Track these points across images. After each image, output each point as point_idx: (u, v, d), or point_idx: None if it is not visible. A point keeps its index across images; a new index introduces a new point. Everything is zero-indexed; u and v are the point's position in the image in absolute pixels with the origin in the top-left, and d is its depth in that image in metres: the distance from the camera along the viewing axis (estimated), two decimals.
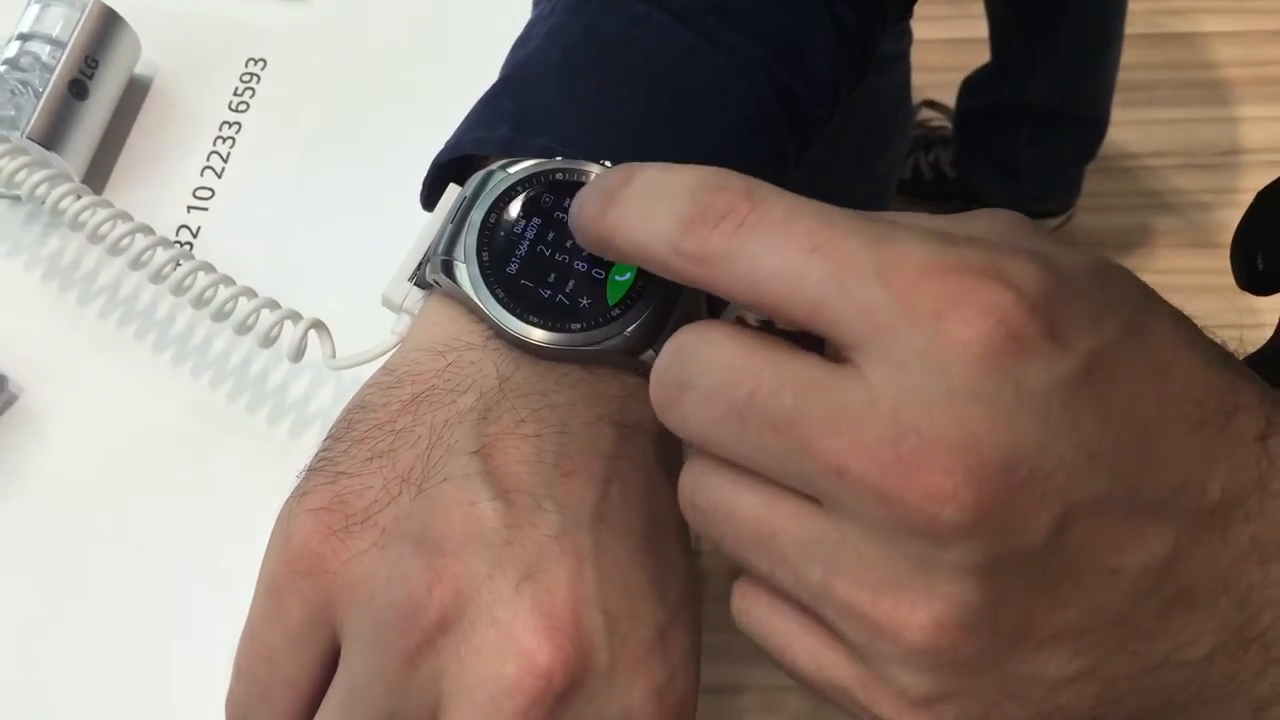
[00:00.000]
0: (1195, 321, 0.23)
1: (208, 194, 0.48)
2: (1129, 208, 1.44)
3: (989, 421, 0.20)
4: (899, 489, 0.20)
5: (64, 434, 0.42)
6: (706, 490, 0.24)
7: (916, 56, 1.18)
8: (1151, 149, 1.47)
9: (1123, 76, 1.29)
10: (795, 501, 0.22)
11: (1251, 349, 0.39)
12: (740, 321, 0.24)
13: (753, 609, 0.24)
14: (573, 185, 0.29)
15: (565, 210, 0.29)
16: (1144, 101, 1.47)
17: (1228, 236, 0.44)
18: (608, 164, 0.30)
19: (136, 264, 0.40)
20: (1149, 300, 0.23)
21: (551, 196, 0.29)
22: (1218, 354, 0.23)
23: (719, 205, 0.23)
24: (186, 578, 0.39)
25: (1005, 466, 0.20)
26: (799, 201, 0.23)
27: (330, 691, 0.26)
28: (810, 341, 0.23)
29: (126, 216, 0.41)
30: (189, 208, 0.47)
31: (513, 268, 0.28)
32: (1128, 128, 1.43)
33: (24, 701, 0.38)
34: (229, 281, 0.40)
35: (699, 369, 0.23)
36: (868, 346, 0.21)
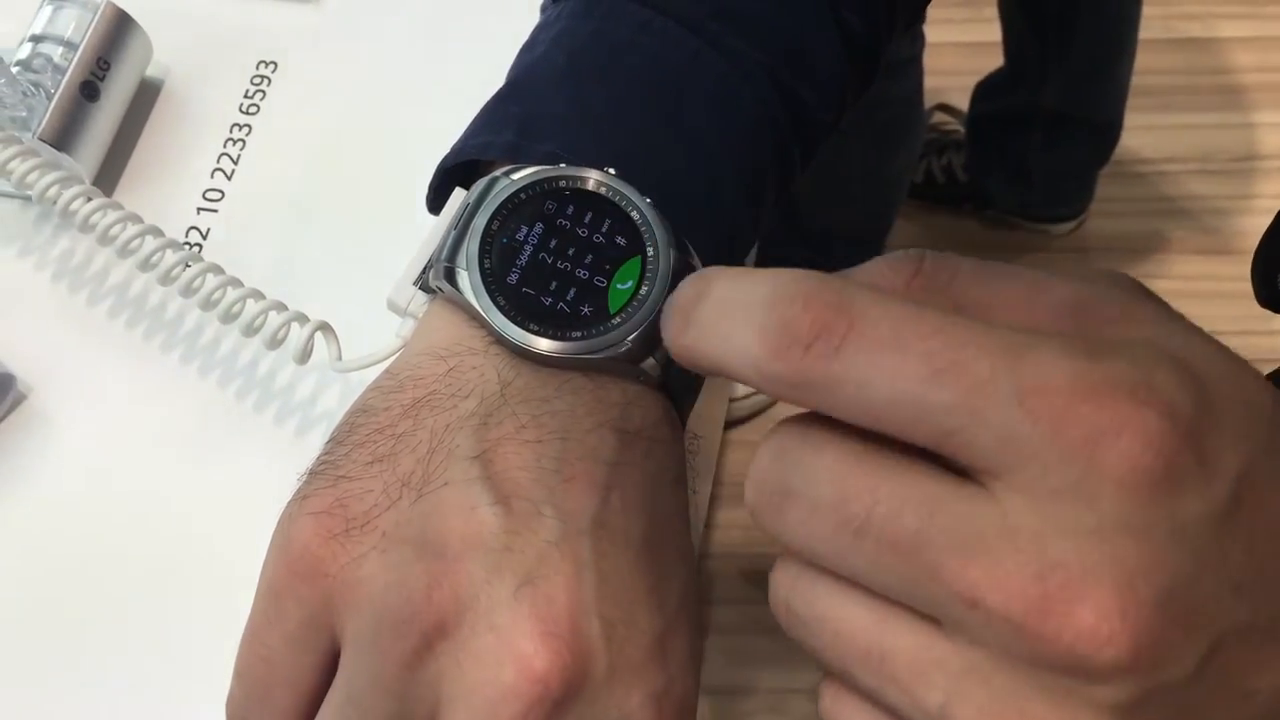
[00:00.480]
0: None
1: (218, 195, 0.48)
2: (1142, 213, 1.44)
3: (1143, 557, 0.19)
4: (1047, 627, 0.19)
5: (72, 433, 0.42)
6: (806, 597, 0.22)
7: (930, 60, 1.18)
8: (1166, 154, 1.47)
9: (1138, 81, 1.28)
10: (910, 620, 0.21)
11: (1262, 354, 0.38)
12: None
13: (845, 715, 0.23)
14: (575, 192, 0.30)
15: (567, 217, 0.29)
16: (1159, 106, 1.47)
17: (1242, 243, 0.44)
18: (611, 170, 0.30)
19: (146, 265, 0.40)
20: (1274, 398, 0.22)
21: (554, 204, 0.29)
22: None
23: (806, 323, 0.20)
24: (193, 577, 0.40)
25: (1160, 604, 0.19)
26: (905, 313, 0.20)
27: (329, 694, 0.26)
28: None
29: (136, 219, 0.41)
30: (199, 209, 0.47)
31: (514, 275, 0.29)
32: (1142, 133, 1.42)
33: (30, 700, 0.38)
34: (237, 283, 0.40)
35: (804, 476, 0.21)
36: (1008, 476, 0.20)
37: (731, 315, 0.22)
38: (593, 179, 0.30)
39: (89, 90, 0.46)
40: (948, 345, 0.20)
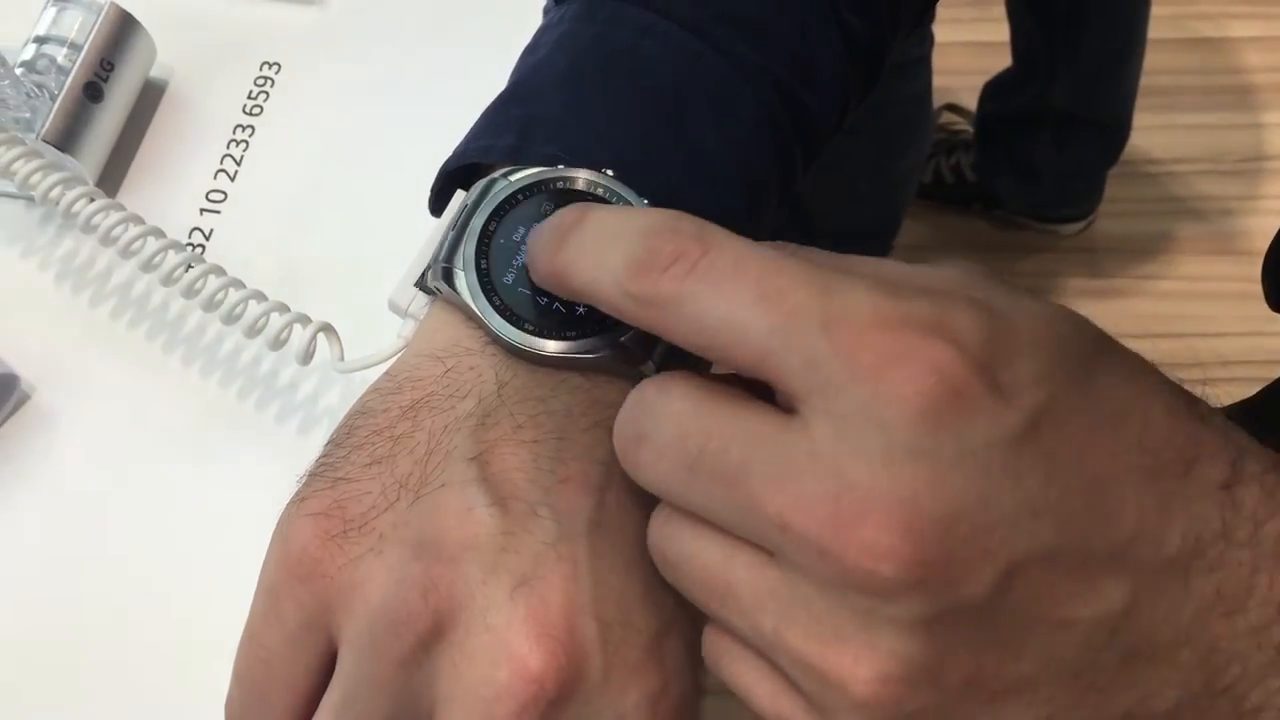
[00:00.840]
0: (1160, 366, 0.23)
1: (221, 197, 0.48)
2: (1152, 213, 1.44)
3: (928, 478, 0.20)
4: (837, 544, 0.20)
5: (75, 433, 0.42)
6: (670, 540, 0.24)
7: (938, 60, 1.18)
8: (1175, 154, 1.46)
9: (1147, 81, 1.28)
10: (750, 553, 0.22)
11: (1270, 354, 0.38)
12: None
13: (720, 654, 0.25)
14: (574, 194, 0.30)
15: None
16: (1169, 106, 1.46)
17: (1252, 243, 0.44)
18: (609, 172, 0.30)
19: (148, 267, 0.40)
20: (1104, 349, 0.23)
21: (552, 205, 0.29)
22: (1181, 401, 0.23)
23: (670, 249, 0.23)
24: (195, 575, 0.40)
25: (944, 523, 0.20)
26: (751, 247, 0.22)
27: (327, 694, 0.26)
28: (769, 389, 0.23)
29: (139, 220, 0.41)
30: (202, 210, 0.48)
31: (510, 276, 0.29)
32: (1152, 132, 1.42)
33: (32, 699, 0.38)
34: (239, 285, 0.40)
35: (655, 421, 0.23)
36: (812, 400, 0.21)
37: (606, 240, 0.24)
38: (590, 179, 0.30)
39: (93, 91, 0.46)
40: (775, 275, 0.22)
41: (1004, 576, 0.20)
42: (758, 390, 0.23)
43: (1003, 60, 1.31)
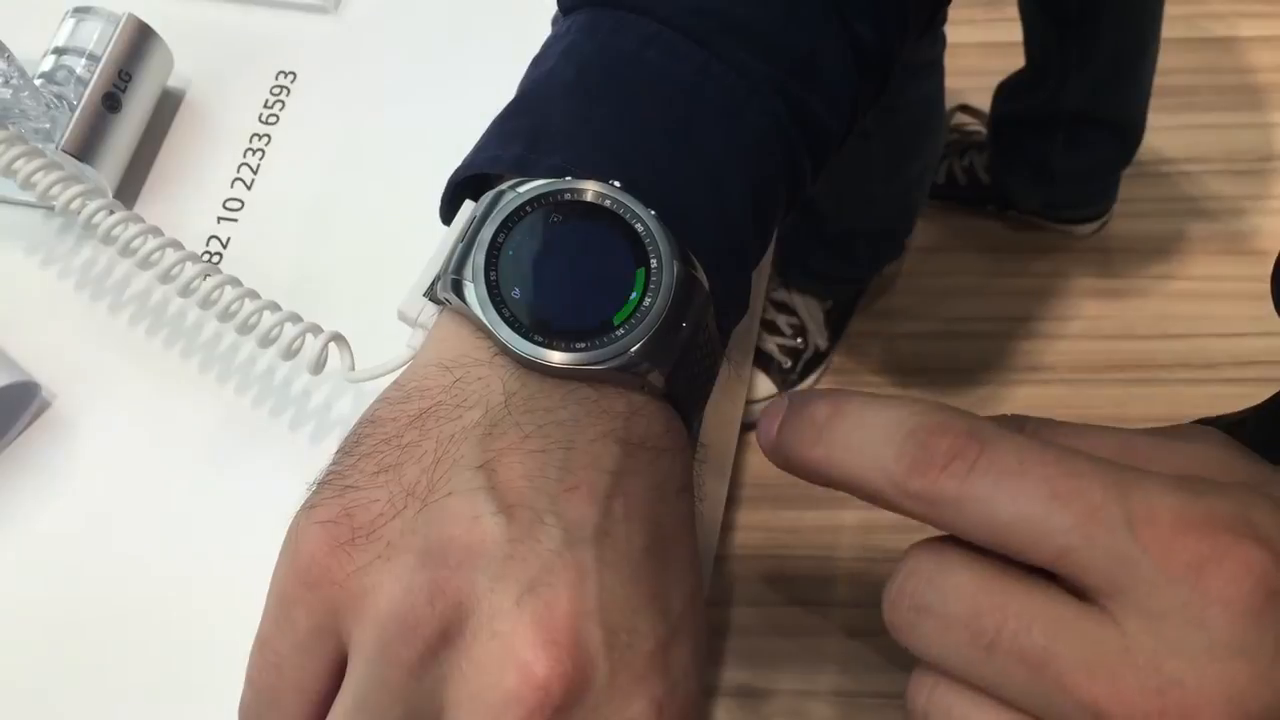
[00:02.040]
0: None
1: (237, 205, 0.49)
2: (1166, 213, 1.43)
3: (1252, 675, 0.21)
4: None
5: (94, 440, 0.43)
6: (940, 708, 0.24)
7: (951, 60, 1.18)
8: (1189, 154, 1.46)
9: (1161, 81, 1.28)
10: None
11: None
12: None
13: None
14: (581, 205, 0.30)
15: (572, 229, 0.30)
16: (1182, 106, 1.46)
17: (1266, 243, 0.44)
18: (616, 183, 0.30)
19: (166, 278, 0.41)
20: None
21: (560, 216, 0.30)
22: None
23: (944, 447, 0.23)
24: (210, 580, 0.40)
25: (1267, 718, 0.21)
26: (1029, 445, 0.23)
27: (337, 699, 0.26)
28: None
29: (157, 231, 0.42)
30: (219, 219, 0.48)
31: (520, 287, 0.29)
32: (1165, 133, 1.41)
33: (50, 703, 0.39)
34: (254, 295, 0.40)
35: (938, 594, 0.23)
36: (1121, 597, 0.22)
37: (870, 435, 0.24)
38: (597, 191, 0.30)
39: (111, 102, 0.47)
40: (1066, 474, 0.22)
41: None
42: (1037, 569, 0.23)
43: (1016, 61, 1.30)
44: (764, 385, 1.35)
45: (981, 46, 1.42)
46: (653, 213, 0.30)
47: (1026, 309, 1.39)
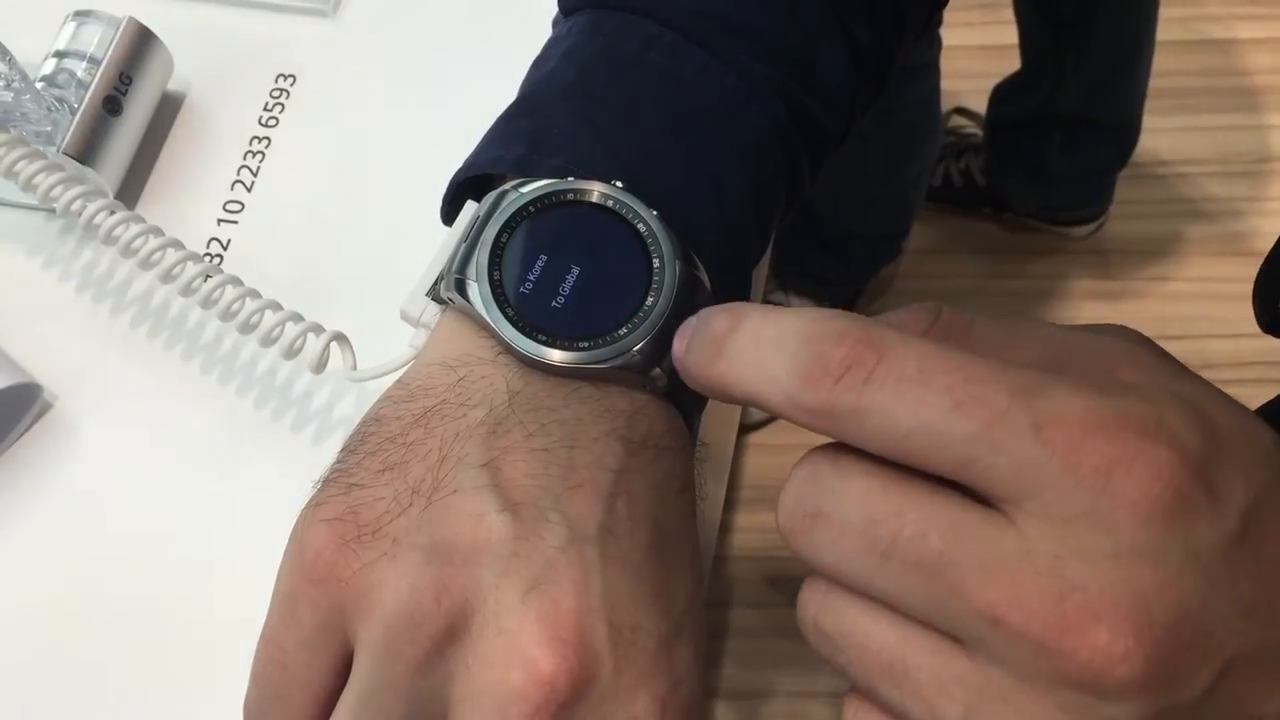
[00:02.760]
0: None
1: (238, 207, 0.49)
2: (1162, 215, 1.44)
3: (1158, 581, 0.20)
4: (1065, 644, 0.20)
5: (96, 440, 0.43)
6: (832, 615, 0.24)
7: (947, 63, 1.18)
8: (1185, 156, 1.46)
9: (1157, 83, 1.28)
10: (932, 638, 0.22)
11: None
12: None
13: None
14: (584, 204, 0.30)
15: (575, 229, 0.30)
16: (1178, 108, 1.46)
17: (1261, 244, 0.44)
18: (618, 183, 0.30)
19: (167, 278, 0.41)
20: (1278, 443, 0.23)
21: (562, 215, 0.30)
22: None
23: (839, 356, 0.22)
24: (213, 580, 0.40)
25: (1173, 626, 0.20)
26: (930, 350, 0.22)
27: (343, 696, 0.27)
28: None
29: (158, 232, 0.42)
30: (219, 221, 0.48)
31: (523, 287, 0.29)
32: (1162, 134, 1.42)
33: (54, 705, 0.39)
34: (255, 295, 0.41)
35: (834, 500, 0.23)
36: (1026, 502, 0.21)
37: (766, 347, 0.23)
38: (599, 191, 0.30)
39: (112, 105, 0.47)
40: (969, 380, 0.21)
41: (1217, 677, 0.21)
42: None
43: (1012, 63, 1.31)
44: None
45: (977, 49, 1.43)
46: (655, 213, 0.30)
47: (1023, 311, 1.40)
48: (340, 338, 0.39)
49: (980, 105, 1.40)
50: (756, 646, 1.21)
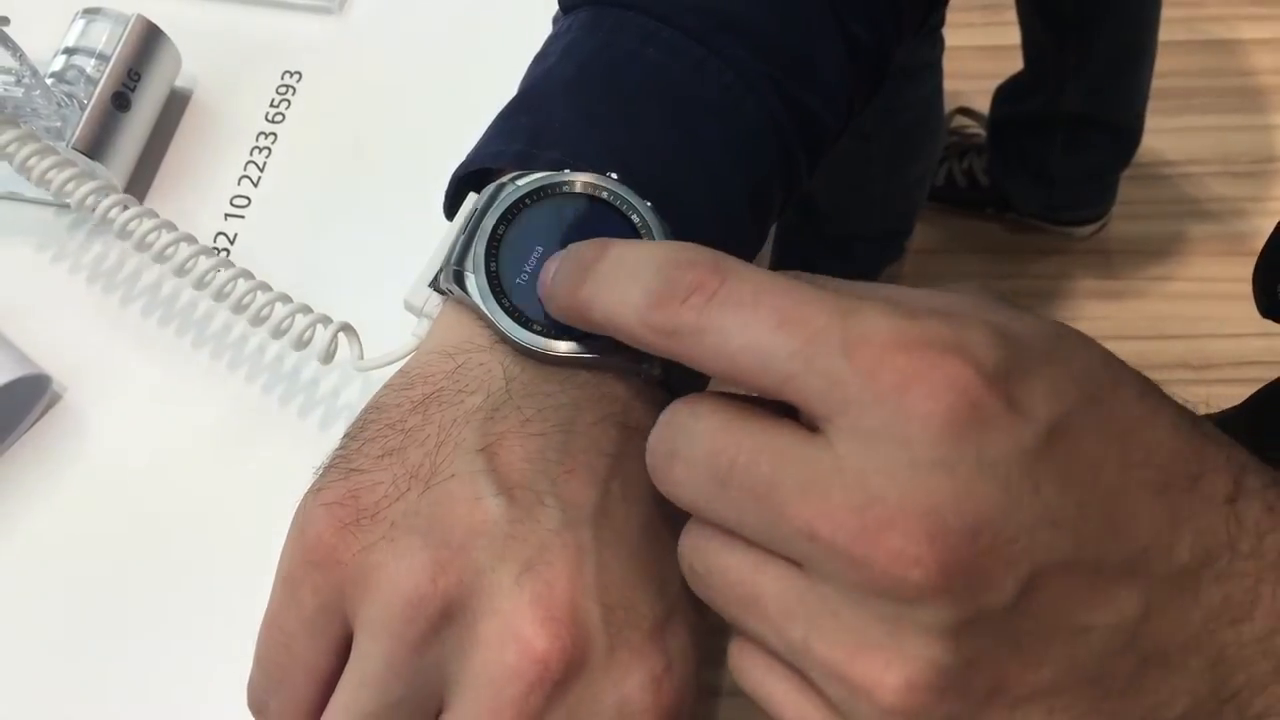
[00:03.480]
0: (1162, 386, 0.24)
1: (244, 202, 0.49)
2: (1165, 215, 1.43)
3: (951, 489, 0.21)
4: (866, 552, 0.21)
5: (105, 430, 0.44)
6: (700, 553, 0.25)
7: (950, 63, 1.18)
8: (1188, 156, 1.46)
9: (1160, 83, 1.28)
10: (779, 565, 0.23)
11: None
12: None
13: (746, 666, 0.25)
14: (581, 197, 0.31)
15: (570, 220, 0.30)
16: (1181, 109, 1.46)
17: (1263, 244, 0.45)
18: (613, 175, 0.31)
19: (180, 271, 0.42)
20: (1111, 368, 0.23)
21: (558, 207, 0.31)
22: (1185, 419, 0.23)
23: (687, 280, 0.24)
24: (220, 567, 0.41)
25: (968, 532, 0.21)
26: (767, 277, 0.23)
27: (343, 677, 0.27)
28: (789, 409, 0.23)
29: (171, 226, 0.43)
30: (226, 215, 0.49)
31: (519, 278, 0.30)
32: (1165, 135, 1.42)
33: (66, 688, 0.39)
34: (266, 288, 0.41)
35: (687, 438, 0.24)
36: (836, 418, 0.22)
37: (625, 273, 0.25)
38: (594, 183, 0.31)
39: (120, 101, 0.47)
40: (794, 303, 0.23)
41: (1025, 584, 0.21)
42: (784, 411, 0.23)
43: (1014, 64, 1.31)
44: None
45: (980, 50, 1.43)
46: (649, 204, 0.31)
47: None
48: (347, 328, 0.39)
49: (983, 105, 1.40)
50: None
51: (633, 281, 0.25)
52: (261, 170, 0.50)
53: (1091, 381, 0.23)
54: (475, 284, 0.30)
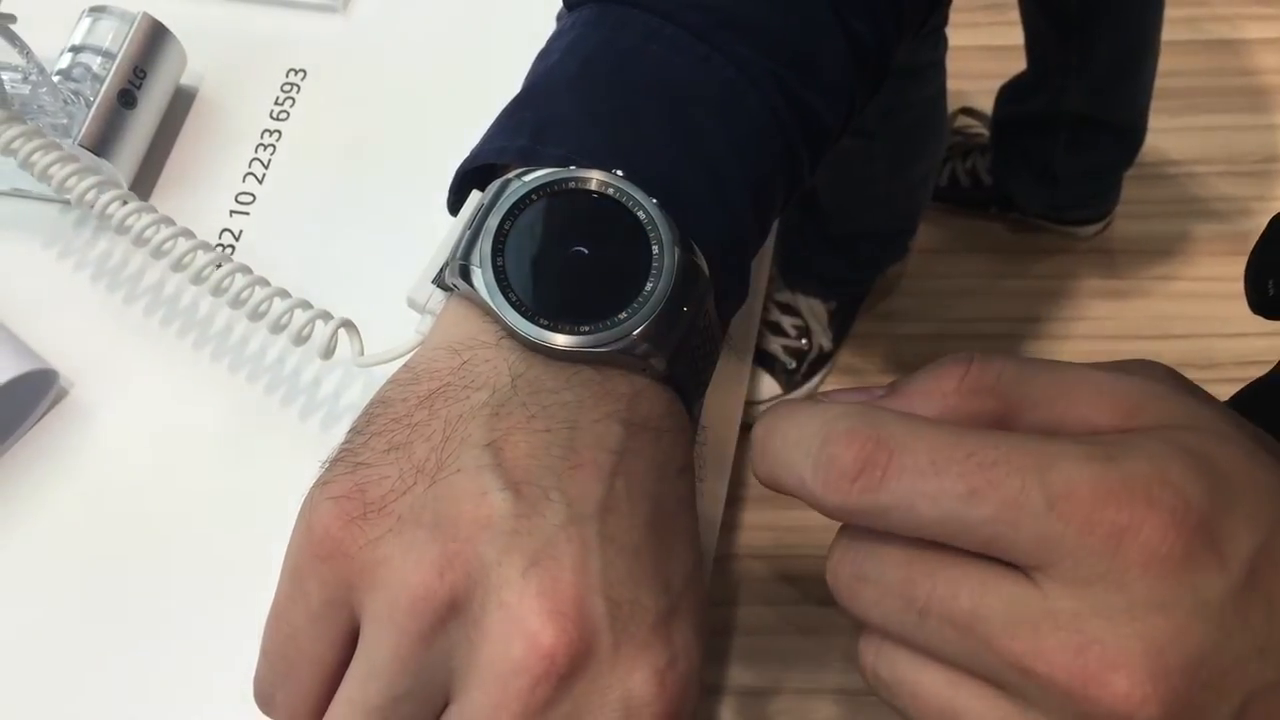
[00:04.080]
0: None
1: (249, 199, 0.50)
2: (1168, 215, 1.43)
3: (1170, 630, 0.22)
4: (1090, 693, 0.22)
5: (110, 424, 0.44)
6: (887, 665, 0.25)
7: (954, 63, 1.18)
8: (1192, 156, 1.46)
9: (1164, 83, 1.28)
10: (978, 684, 0.24)
11: None
12: None
13: None
14: (584, 193, 0.31)
15: (575, 217, 0.31)
16: (1185, 108, 1.46)
17: None
18: (618, 172, 0.31)
19: (178, 266, 0.42)
20: None
21: (563, 203, 0.31)
22: None
23: (850, 457, 0.24)
24: (224, 562, 0.41)
25: (1188, 670, 0.22)
26: (939, 440, 0.23)
27: (350, 669, 0.27)
28: None
29: (170, 221, 0.43)
30: (231, 212, 0.49)
31: (525, 273, 0.30)
32: (1168, 134, 1.42)
33: (71, 684, 0.40)
34: (264, 283, 0.41)
35: (876, 564, 0.25)
36: (1047, 569, 0.23)
37: (791, 451, 0.25)
38: (599, 180, 0.31)
39: (126, 98, 0.48)
40: (980, 466, 0.23)
41: (1238, 713, 0.22)
42: None
43: (1018, 64, 1.31)
44: (768, 386, 1.36)
45: (984, 49, 1.43)
46: (654, 200, 0.31)
47: (1030, 310, 1.40)
48: (348, 324, 0.39)
49: (986, 105, 1.40)
50: (762, 644, 1.21)
51: (800, 461, 0.25)
52: (266, 167, 0.50)
53: (1278, 502, 0.23)
54: (481, 279, 0.30)
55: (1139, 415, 0.25)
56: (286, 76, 0.53)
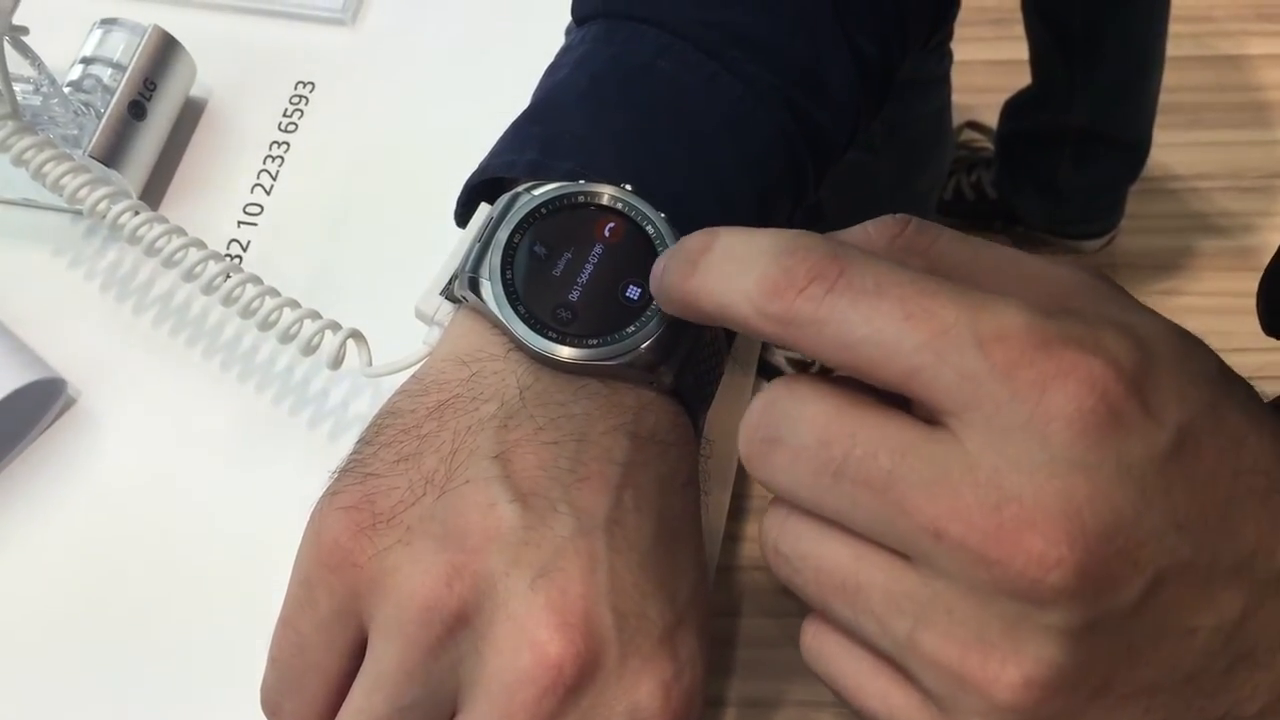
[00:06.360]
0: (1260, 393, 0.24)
1: (257, 210, 0.50)
2: (1173, 230, 1.43)
3: (1090, 491, 0.21)
4: (1001, 553, 0.21)
5: (119, 434, 0.44)
6: (790, 538, 0.24)
7: (959, 78, 1.18)
8: (1196, 171, 1.46)
9: (1169, 98, 1.28)
10: (883, 555, 0.23)
11: None
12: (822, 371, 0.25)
13: (825, 649, 0.25)
14: (594, 207, 0.31)
15: (584, 231, 0.31)
16: (1190, 123, 1.46)
17: None
18: (627, 186, 0.31)
19: (189, 276, 0.42)
20: (1225, 375, 0.23)
21: (573, 217, 0.31)
22: None
23: (803, 269, 0.23)
24: (231, 572, 0.41)
25: (1106, 535, 0.21)
26: (886, 266, 0.23)
27: (358, 679, 0.28)
28: (892, 396, 0.23)
29: (181, 231, 0.43)
30: (239, 223, 0.49)
31: (534, 286, 0.30)
32: (1173, 149, 1.42)
33: (78, 693, 0.40)
34: (274, 293, 0.42)
35: (790, 425, 0.23)
36: (966, 414, 0.22)
37: (736, 262, 0.24)
38: (609, 194, 0.31)
39: (136, 110, 0.48)
40: (920, 294, 0.22)
41: (1149, 588, 0.21)
42: (893, 401, 0.23)
43: (1023, 78, 1.31)
44: None
45: (989, 64, 1.43)
46: (663, 215, 0.31)
47: None
48: (356, 335, 0.40)
49: (991, 119, 1.40)
50: (766, 656, 1.20)
51: (745, 270, 0.24)
52: (274, 179, 0.51)
53: (1210, 387, 0.23)
54: (491, 291, 0.30)
55: (1069, 302, 0.24)
56: (295, 89, 0.53)
